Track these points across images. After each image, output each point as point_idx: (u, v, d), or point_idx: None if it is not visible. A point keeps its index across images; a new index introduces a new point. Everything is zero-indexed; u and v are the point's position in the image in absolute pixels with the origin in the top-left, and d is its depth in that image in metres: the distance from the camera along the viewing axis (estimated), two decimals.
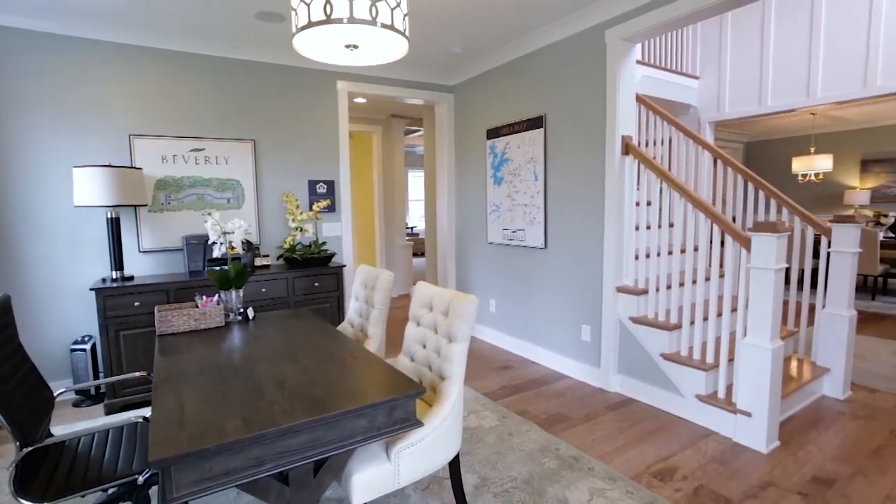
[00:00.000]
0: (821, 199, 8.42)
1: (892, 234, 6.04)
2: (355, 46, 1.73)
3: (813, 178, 7.31)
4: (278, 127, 3.79)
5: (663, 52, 5.80)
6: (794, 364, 3.11)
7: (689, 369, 2.71)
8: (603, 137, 3.10)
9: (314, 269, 3.57)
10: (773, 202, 3.26)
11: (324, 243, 3.77)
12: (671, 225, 3.39)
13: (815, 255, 5.90)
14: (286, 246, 3.64)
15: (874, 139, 7.82)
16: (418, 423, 1.51)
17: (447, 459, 1.79)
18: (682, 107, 6.26)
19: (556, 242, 3.54)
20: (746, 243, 2.38)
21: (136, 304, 2.95)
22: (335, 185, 4.07)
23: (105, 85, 3.19)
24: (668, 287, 2.94)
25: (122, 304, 2.91)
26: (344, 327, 2.73)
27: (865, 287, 6.40)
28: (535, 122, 3.62)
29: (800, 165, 6.97)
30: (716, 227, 2.58)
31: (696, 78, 6.16)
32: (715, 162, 3.59)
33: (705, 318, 2.86)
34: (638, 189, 3.09)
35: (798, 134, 8.60)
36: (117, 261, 3.03)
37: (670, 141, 3.82)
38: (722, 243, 3.97)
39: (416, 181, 13.80)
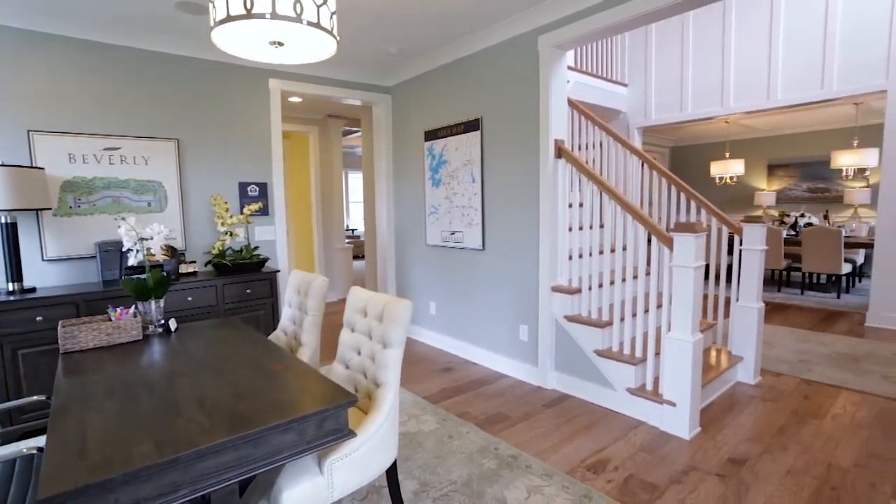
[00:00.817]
0: (735, 200, 9.13)
1: (793, 233, 6.65)
2: (280, 44, 1.66)
3: (728, 180, 7.91)
4: (205, 126, 3.58)
5: (595, 60, 6.06)
6: (713, 354, 3.34)
7: (620, 364, 2.84)
8: (537, 141, 3.18)
9: (246, 276, 3.40)
10: (693, 204, 3.47)
11: (256, 248, 3.60)
12: (602, 226, 3.52)
13: (731, 252, 6.39)
14: (215, 251, 3.44)
15: (779, 146, 8.57)
16: (351, 434, 1.47)
17: (384, 467, 1.75)
18: (612, 112, 6.57)
19: (493, 244, 3.59)
20: (669, 243, 2.52)
21: (39, 318, 2.67)
22: (268, 188, 3.91)
23: None
24: (600, 286, 3.06)
25: (20, 320, 2.63)
26: (277, 336, 2.62)
27: (772, 280, 7.01)
28: (472, 125, 3.66)
29: (717, 169, 7.52)
30: (643, 228, 2.72)
31: (626, 86, 6.49)
32: (643, 165, 3.77)
33: (634, 315, 2.99)
34: (571, 191, 3.19)
35: (715, 140, 9.27)
36: (14, 271, 2.73)
37: (601, 144, 3.98)
38: (649, 242, 4.21)
39: (357, 182, 13.56)
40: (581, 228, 3.23)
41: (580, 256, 3.16)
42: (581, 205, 3.32)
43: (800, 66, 4.94)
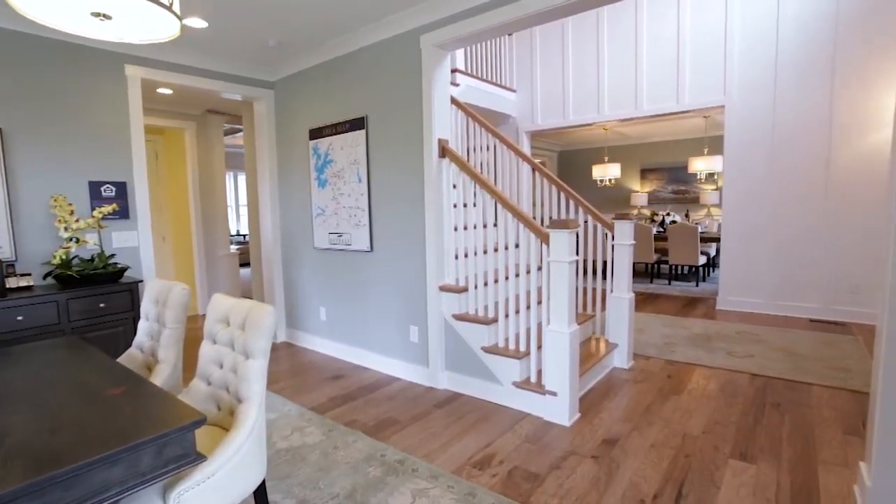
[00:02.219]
0: (614, 200, 9.98)
1: (661, 229, 7.41)
2: (106, 17, 1.44)
3: (608, 182, 8.63)
4: (43, 115, 3.08)
5: (486, 65, 6.24)
6: (592, 343, 3.56)
7: (505, 359, 2.91)
8: (421, 140, 3.17)
9: (99, 288, 2.98)
10: (571, 203, 3.69)
11: (112, 256, 3.17)
12: (485, 226, 3.60)
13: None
14: (56, 261, 2.97)
15: (650, 152, 9.52)
16: (200, 458, 1.31)
17: (250, 490, 1.60)
18: (503, 116, 6.83)
19: (381, 245, 3.52)
20: (546, 239, 2.63)
21: None
22: (128, 187, 3.47)
23: None
24: (486, 284, 3.11)
25: None
26: (131, 354, 2.31)
27: (646, 272, 7.76)
28: (358, 123, 3.55)
29: (598, 172, 8.15)
30: (523, 225, 2.81)
31: (514, 91, 6.78)
32: (533, 169, 3.93)
33: (517, 312, 3.09)
34: (455, 188, 3.22)
35: (596, 146, 10.06)
36: None
37: (493, 148, 4.09)
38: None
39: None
40: (466, 228, 3.27)
41: (465, 256, 3.20)
42: (465, 205, 3.36)
43: (660, 81, 5.51)
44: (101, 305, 2.98)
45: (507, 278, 3.04)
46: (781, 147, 4.88)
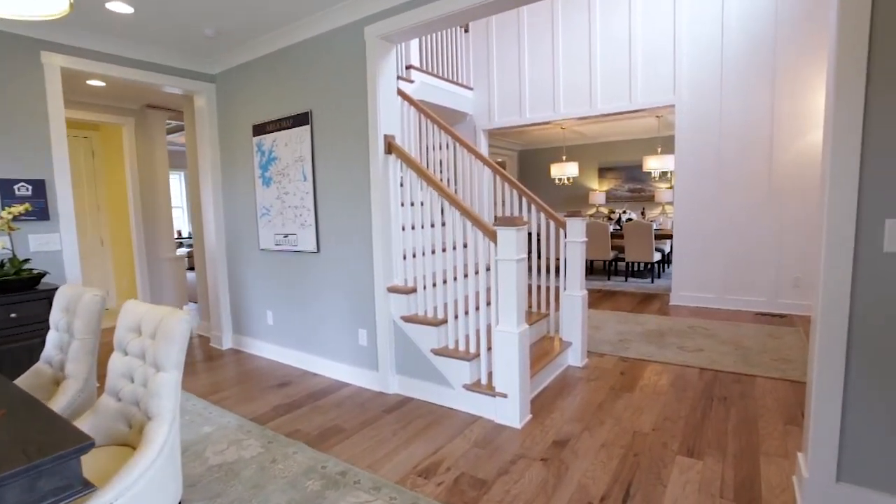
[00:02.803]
0: (572, 199, 10.10)
1: (618, 227, 7.52)
2: None
3: (566, 181, 8.72)
4: None
5: (442, 62, 6.17)
6: (546, 343, 3.53)
7: (456, 361, 2.82)
8: (367, 136, 3.05)
9: (12, 296, 2.71)
10: (524, 200, 3.64)
11: (27, 260, 2.90)
12: (433, 225, 3.51)
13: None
14: None
15: (607, 151, 9.68)
16: (88, 488, 1.15)
17: None
18: (460, 114, 6.77)
19: (328, 245, 3.37)
20: (494, 237, 2.56)
21: None
22: (47, 186, 3.19)
23: None
24: (434, 285, 3.02)
25: None
26: (39, 369, 2.09)
27: (604, 269, 7.86)
28: (302, 119, 3.40)
29: (556, 171, 8.21)
30: (471, 223, 2.73)
31: (471, 89, 6.73)
32: (485, 165, 3.86)
33: (466, 313, 3.01)
34: (402, 186, 3.11)
35: (556, 145, 10.16)
36: None
37: (455, 146, 4.00)
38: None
39: None
40: (414, 228, 3.16)
41: (414, 256, 3.10)
42: (413, 203, 3.25)
43: (613, 81, 5.57)
44: (13, 315, 2.71)
45: (455, 279, 2.96)
46: (728, 146, 5.01)
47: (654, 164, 7.14)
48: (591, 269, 7.91)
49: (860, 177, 1.69)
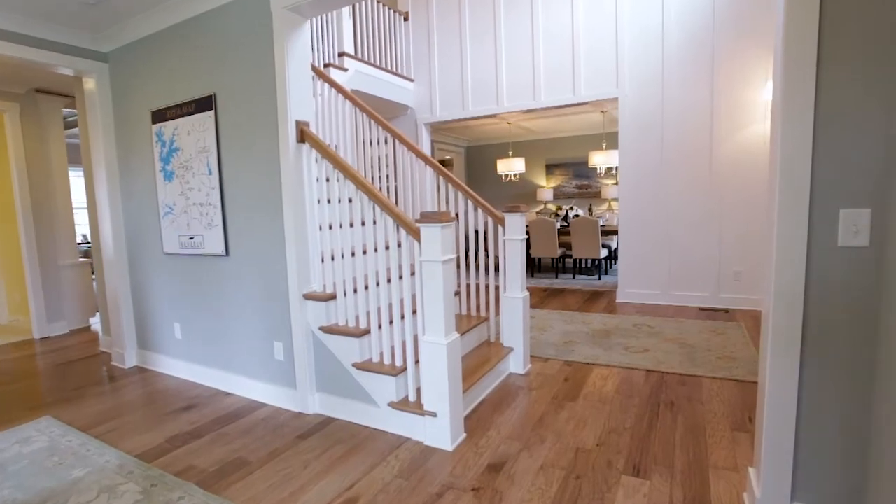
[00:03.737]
0: (521, 196, 9.99)
1: (565, 224, 7.42)
2: None
3: (513, 178, 8.56)
4: None
5: (380, 51, 5.81)
6: (485, 349, 3.26)
7: (380, 376, 2.50)
8: (276, 123, 2.66)
9: None
10: (460, 195, 3.36)
11: None
12: (351, 224, 3.17)
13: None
14: None
15: (554, 147, 9.61)
16: None
17: None
18: (401, 107, 6.43)
19: (238, 247, 2.96)
20: (417, 235, 2.25)
21: None
22: None
23: None
24: (356, 291, 2.67)
25: None
26: None
27: (552, 267, 7.75)
28: (205, 104, 2.96)
29: (502, 167, 8.02)
30: (398, 221, 2.41)
31: (412, 80, 6.41)
32: (417, 156, 3.54)
33: (391, 322, 2.68)
34: (318, 180, 2.75)
35: (502, 141, 10.00)
36: None
37: (395, 141, 3.67)
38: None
39: None
40: (332, 227, 2.81)
41: (333, 259, 2.74)
42: (330, 201, 2.89)
43: (556, 73, 5.40)
44: None
45: (378, 284, 2.63)
46: (670, 140, 4.94)
47: (599, 159, 7.08)
48: (539, 267, 7.78)
49: (812, 164, 1.49)
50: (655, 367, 3.25)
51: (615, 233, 6.64)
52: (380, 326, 2.57)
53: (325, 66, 4.88)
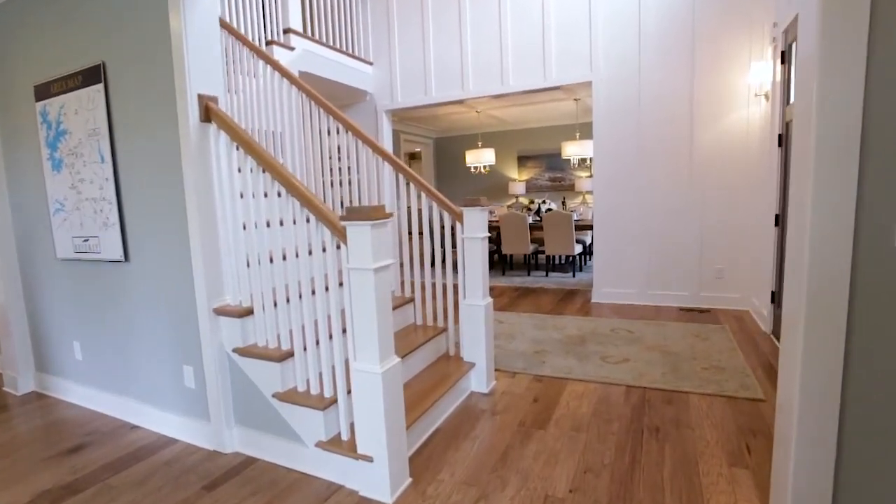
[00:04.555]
0: (492, 189, 9.58)
1: (538, 218, 7.03)
2: None
3: (483, 170, 8.13)
4: None
5: (336, 31, 5.26)
6: (443, 365, 2.82)
7: (305, 410, 2.02)
8: (175, 98, 2.14)
9: None
10: (413, 187, 2.90)
11: None
12: (277, 223, 2.69)
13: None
14: None
15: (526, 138, 9.21)
16: None
17: None
18: (359, 93, 5.90)
19: (139, 252, 2.43)
20: (343, 235, 1.78)
21: None
22: None
23: None
24: (276, 305, 2.18)
25: None
26: None
27: (524, 264, 7.37)
28: (93, 75, 2.41)
29: (471, 158, 7.57)
30: (321, 218, 1.93)
31: (371, 64, 5.89)
32: (373, 148, 3.05)
33: (317, 343, 2.19)
34: (240, 171, 2.24)
35: (472, 132, 9.56)
36: None
37: (338, 130, 3.17)
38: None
39: None
40: (247, 227, 2.31)
41: (248, 265, 2.24)
42: (242, 195, 2.39)
43: (526, 56, 4.97)
44: None
45: (301, 297, 2.14)
46: (648, 127, 4.57)
47: (572, 150, 6.71)
48: (511, 265, 7.38)
49: (861, 149, 1.09)
50: (637, 381, 2.87)
51: (590, 227, 6.29)
52: (305, 349, 2.09)
53: (268, 43, 4.35)
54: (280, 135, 3.31)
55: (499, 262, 7.60)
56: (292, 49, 4.57)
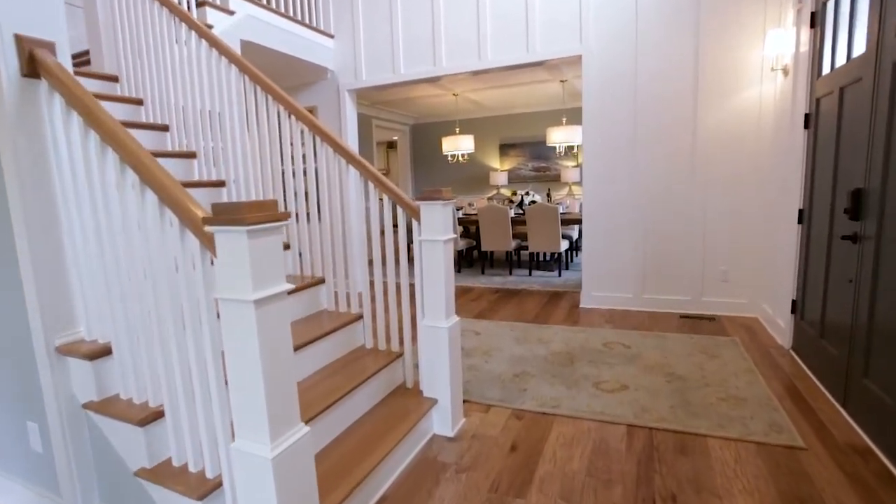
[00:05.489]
0: (472, 180, 8.96)
1: (521, 211, 6.45)
2: None
3: (461, 158, 7.51)
4: None
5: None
6: (398, 402, 2.22)
7: (179, 498, 1.40)
8: None
9: None
10: (360, 176, 2.27)
11: None
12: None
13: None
14: None
15: (509, 125, 8.60)
16: None
17: None
18: (318, 70, 5.20)
19: None
20: (211, 245, 1.15)
21: None
22: None
23: None
24: (140, 341, 1.54)
25: None
26: None
27: (507, 261, 6.79)
28: None
29: (448, 146, 6.94)
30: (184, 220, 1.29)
31: (332, 37, 5.20)
32: (290, 114, 2.39)
33: (194, 398, 1.57)
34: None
35: (449, 118, 8.91)
36: None
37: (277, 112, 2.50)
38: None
39: None
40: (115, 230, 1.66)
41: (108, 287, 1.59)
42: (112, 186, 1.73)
43: (507, 29, 4.34)
44: None
45: (173, 332, 1.51)
46: (645, 109, 3.99)
47: (558, 136, 6.12)
48: (491, 262, 6.80)
49: None
50: (640, 418, 2.30)
51: (577, 222, 5.72)
52: (181, 407, 1.46)
53: (199, 3, 3.64)
54: (219, 115, 2.65)
55: (478, 259, 7.01)
56: (232, 13, 3.88)
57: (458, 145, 6.76)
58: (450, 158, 8.22)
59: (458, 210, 6.53)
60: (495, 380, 2.81)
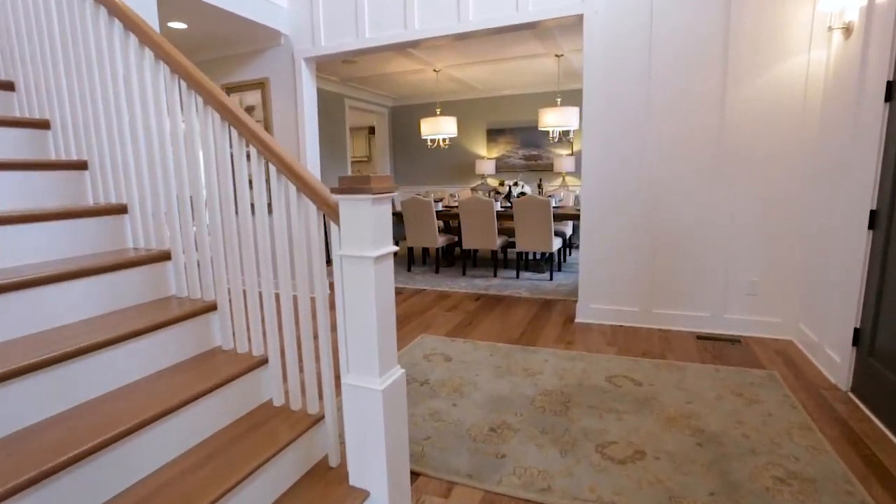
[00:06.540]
0: (455, 168, 8.18)
1: (509, 205, 5.70)
2: None
3: (441, 143, 6.72)
4: None
5: None
6: (317, 491, 1.47)
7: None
8: None
9: None
10: (265, 160, 1.50)
11: None
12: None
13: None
14: None
15: (497, 108, 7.82)
16: None
17: None
18: (271, 33, 4.37)
19: None
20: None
21: None
22: None
23: None
24: None
25: None
26: None
27: (492, 260, 6.05)
28: None
29: (427, 129, 6.14)
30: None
31: None
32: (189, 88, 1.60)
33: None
34: None
35: (431, 99, 8.10)
36: None
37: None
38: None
39: None
40: None
41: None
42: None
43: None
44: None
45: None
46: (660, 81, 3.25)
47: (552, 118, 5.36)
48: (475, 261, 6.05)
49: None
50: None
51: (572, 217, 4.98)
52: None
53: None
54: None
55: (459, 258, 6.26)
56: None
57: (438, 128, 5.97)
58: (429, 143, 7.42)
59: (437, 202, 5.76)
60: (464, 437, 2.07)
